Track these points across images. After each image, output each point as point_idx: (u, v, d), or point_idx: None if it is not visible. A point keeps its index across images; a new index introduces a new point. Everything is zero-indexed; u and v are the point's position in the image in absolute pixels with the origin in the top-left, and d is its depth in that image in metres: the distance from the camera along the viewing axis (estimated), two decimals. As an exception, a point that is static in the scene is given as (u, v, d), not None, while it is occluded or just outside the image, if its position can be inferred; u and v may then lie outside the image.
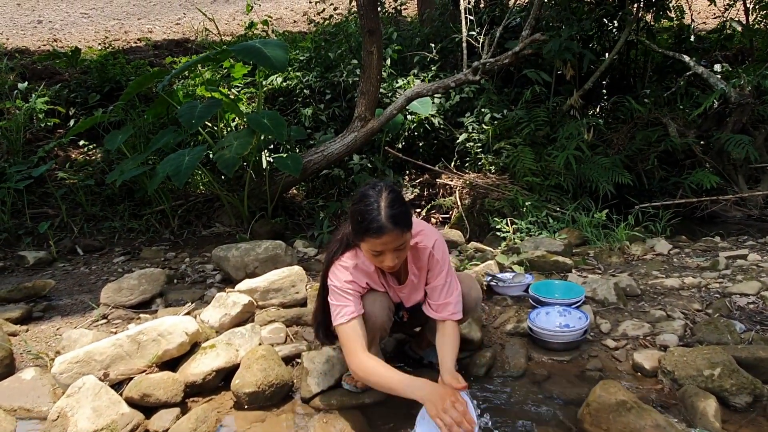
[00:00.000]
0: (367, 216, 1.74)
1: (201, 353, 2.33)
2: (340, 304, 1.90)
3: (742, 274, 3.01)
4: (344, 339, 1.90)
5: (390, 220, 1.73)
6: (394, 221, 1.74)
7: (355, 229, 1.81)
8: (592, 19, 5.24)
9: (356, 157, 5.02)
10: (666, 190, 4.83)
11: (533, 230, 4.06)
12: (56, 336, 2.73)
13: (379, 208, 1.74)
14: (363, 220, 1.75)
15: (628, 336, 2.48)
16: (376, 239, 1.74)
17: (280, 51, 3.97)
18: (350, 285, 1.92)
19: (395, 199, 1.77)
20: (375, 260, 1.85)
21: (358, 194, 1.83)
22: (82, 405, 2.00)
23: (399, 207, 1.77)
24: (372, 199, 1.76)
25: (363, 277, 1.96)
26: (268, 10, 10.20)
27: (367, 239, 1.76)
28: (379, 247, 1.77)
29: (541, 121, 4.96)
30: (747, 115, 4.69)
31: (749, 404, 1.97)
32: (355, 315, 1.89)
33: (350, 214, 1.84)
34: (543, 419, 2.04)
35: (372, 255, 1.82)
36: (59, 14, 11.12)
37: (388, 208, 1.74)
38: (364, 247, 1.82)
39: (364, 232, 1.75)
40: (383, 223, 1.73)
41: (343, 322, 1.89)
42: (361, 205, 1.77)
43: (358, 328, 1.89)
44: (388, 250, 1.78)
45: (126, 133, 4.44)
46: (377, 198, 1.76)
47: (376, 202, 1.75)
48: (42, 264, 3.89)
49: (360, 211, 1.76)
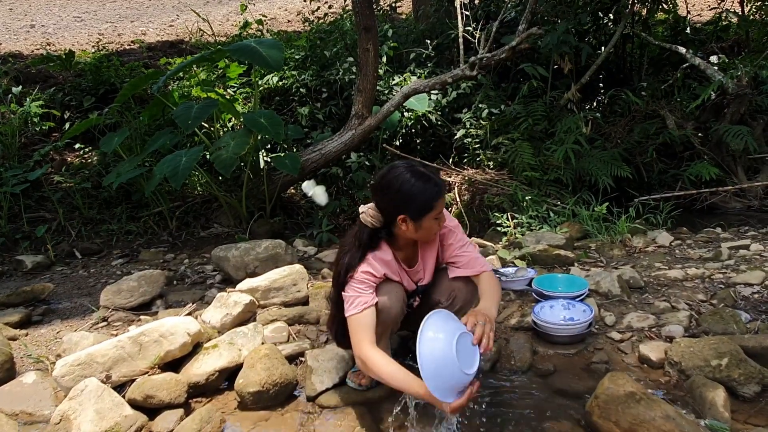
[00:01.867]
0: (421, 186, 1.85)
1: (203, 353, 2.31)
2: (354, 295, 1.89)
3: (745, 264, 3.00)
4: (354, 329, 1.88)
5: (436, 175, 1.93)
6: (438, 175, 1.94)
7: (421, 204, 1.87)
8: (588, 13, 5.23)
9: (354, 155, 5.00)
10: (665, 183, 4.83)
11: (534, 225, 4.05)
12: (56, 339, 2.70)
13: (422, 175, 1.89)
14: (423, 191, 1.86)
15: (634, 328, 2.47)
16: (440, 199, 1.90)
17: (276, 50, 3.95)
18: (366, 276, 1.92)
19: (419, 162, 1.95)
20: (434, 227, 1.94)
21: (389, 181, 1.88)
22: (85, 408, 1.98)
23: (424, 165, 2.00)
24: (410, 173, 1.88)
25: (381, 266, 1.96)
26: (262, 10, 10.17)
27: (436, 204, 1.88)
28: (441, 207, 1.91)
29: (539, 116, 4.95)
30: (745, 105, 4.69)
31: (757, 393, 1.96)
32: (368, 305, 1.89)
33: (401, 199, 1.87)
34: (550, 413, 2.02)
35: (434, 222, 1.92)
36: (52, 18, 11.06)
37: (427, 171, 1.91)
38: (431, 217, 1.89)
39: (431, 199, 1.86)
40: (438, 182, 1.90)
41: (356, 312, 1.87)
42: (408, 184, 1.85)
43: (370, 320, 1.88)
44: (442, 208, 1.94)
45: (122, 135, 4.41)
46: (413, 170, 1.89)
47: (416, 172, 1.88)
48: (40, 268, 3.86)
49: (413, 187, 1.85)
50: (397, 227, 1.92)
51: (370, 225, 1.93)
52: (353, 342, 1.89)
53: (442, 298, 2.18)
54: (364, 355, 1.83)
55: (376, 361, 1.81)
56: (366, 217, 1.94)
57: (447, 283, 2.17)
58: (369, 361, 1.81)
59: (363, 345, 1.84)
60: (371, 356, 1.82)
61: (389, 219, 1.92)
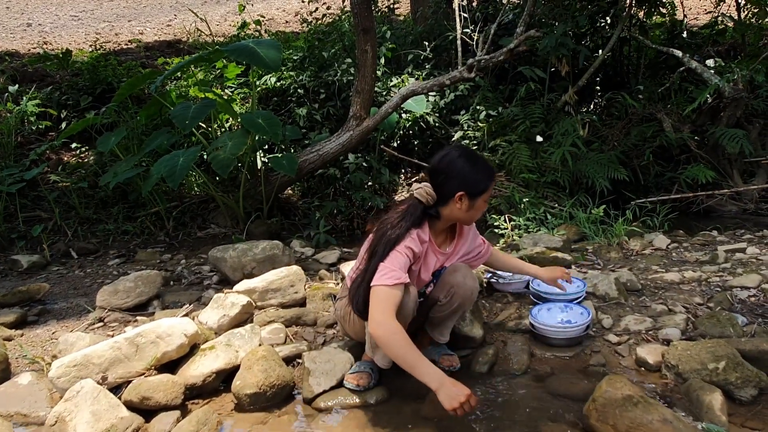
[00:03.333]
0: (479, 167, 2.03)
1: (200, 355, 2.30)
2: (390, 267, 1.90)
3: (741, 267, 3.02)
4: (382, 297, 1.86)
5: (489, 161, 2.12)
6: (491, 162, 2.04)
7: (478, 183, 2.02)
8: (585, 16, 5.25)
9: (351, 156, 4.99)
10: (662, 185, 4.84)
11: (531, 227, 4.05)
12: (52, 340, 2.69)
13: (479, 158, 2.08)
14: (481, 171, 2.03)
15: (631, 331, 2.47)
16: (493, 181, 2.07)
17: (274, 51, 3.94)
18: (409, 251, 1.96)
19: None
20: (482, 208, 2.09)
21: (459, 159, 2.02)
22: (81, 409, 1.96)
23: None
24: (468, 156, 2.04)
25: (420, 244, 2.02)
26: (260, 10, 10.14)
27: (490, 184, 2.05)
28: (491, 189, 2.06)
29: (537, 118, 4.95)
30: (741, 109, 4.71)
31: (755, 397, 1.97)
32: (400, 281, 1.89)
33: (460, 177, 2.00)
34: (548, 416, 2.02)
35: (484, 202, 2.07)
36: (49, 17, 11.02)
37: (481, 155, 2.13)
38: (485, 197, 2.05)
39: (488, 179, 2.04)
40: (491, 165, 2.09)
41: (389, 284, 1.87)
42: (466, 164, 2.01)
43: (398, 295, 1.89)
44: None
45: (119, 134, 4.40)
46: (469, 152, 2.08)
47: (473, 155, 2.07)
48: (36, 268, 3.84)
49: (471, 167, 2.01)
50: (448, 207, 2.04)
51: (425, 201, 2.02)
52: (375, 310, 1.84)
53: (441, 295, 2.20)
54: (383, 324, 1.80)
55: (395, 331, 1.79)
56: (422, 193, 2.03)
57: (446, 280, 2.19)
58: (387, 329, 1.79)
59: (384, 314, 1.82)
60: (391, 325, 1.80)
61: (447, 196, 2.02)
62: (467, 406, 1.70)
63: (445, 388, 1.71)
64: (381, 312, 1.83)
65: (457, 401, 1.68)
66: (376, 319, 1.83)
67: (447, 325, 2.33)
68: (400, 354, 1.78)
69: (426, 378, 1.74)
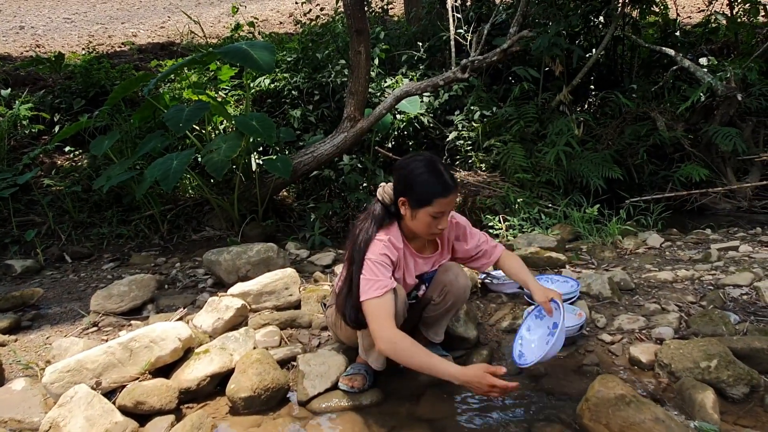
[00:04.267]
0: (432, 179, 1.91)
1: (195, 359, 2.30)
2: (373, 278, 1.89)
3: (734, 266, 3.03)
4: (376, 312, 1.86)
5: (452, 179, 1.94)
6: (454, 181, 1.95)
7: (422, 196, 1.92)
8: (579, 15, 5.26)
9: (346, 158, 5.00)
10: (656, 184, 4.86)
11: (526, 227, 4.06)
12: (46, 345, 2.68)
13: (439, 171, 1.93)
14: (431, 184, 1.91)
15: (624, 330, 2.48)
16: (444, 199, 1.92)
17: (267, 52, 3.94)
18: (385, 258, 1.94)
19: (444, 163, 1.96)
20: (432, 225, 1.97)
21: (407, 166, 1.96)
22: (75, 414, 1.96)
23: (450, 170, 1.99)
24: (428, 165, 1.94)
25: (395, 251, 2.00)
26: (254, 11, 10.15)
27: (437, 201, 1.91)
28: (443, 208, 1.93)
29: (531, 118, 4.97)
30: (734, 107, 4.73)
31: (746, 395, 1.98)
32: (388, 289, 1.89)
33: (408, 185, 1.95)
34: (542, 416, 2.03)
35: (432, 219, 1.95)
36: (42, 20, 10.98)
37: (446, 170, 1.95)
38: (429, 212, 1.93)
39: (434, 194, 1.91)
40: (449, 183, 1.92)
41: (377, 295, 1.87)
42: (421, 173, 1.92)
43: (391, 303, 1.88)
44: (447, 211, 1.96)
45: (112, 138, 4.38)
46: (433, 163, 1.95)
47: (434, 166, 1.94)
48: (29, 272, 3.82)
49: (423, 178, 1.92)
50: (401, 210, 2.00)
51: (381, 199, 2.01)
52: (375, 326, 1.85)
53: (434, 294, 2.20)
54: (388, 338, 1.81)
55: (403, 342, 1.80)
56: (380, 191, 2.03)
57: (438, 279, 2.19)
58: (395, 343, 1.80)
59: (388, 328, 1.83)
60: (397, 338, 1.81)
61: (396, 199, 2.00)
62: (497, 391, 1.71)
63: (470, 384, 1.73)
64: (380, 327, 1.84)
65: (481, 392, 1.72)
66: (379, 336, 1.84)
67: (441, 324, 2.33)
68: (415, 363, 1.79)
69: (448, 377, 1.75)
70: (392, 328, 1.84)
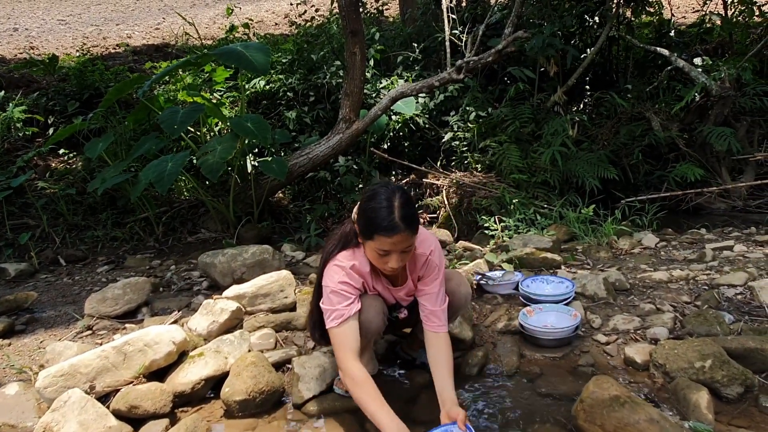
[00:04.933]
0: (380, 213, 1.75)
1: (189, 362, 2.29)
2: (332, 308, 1.86)
3: (729, 266, 3.04)
4: (335, 343, 1.87)
5: (402, 220, 1.74)
6: (406, 222, 1.74)
7: (366, 227, 1.79)
8: (573, 16, 5.27)
9: (342, 159, 4.99)
10: (651, 184, 4.87)
11: (521, 227, 4.06)
12: (40, 349, 2.67)
13: (392, 206, 1.75)
14: (376, 218, 1.75)
15: (619, 330, 2.48)
16: (387, 238, 1.74)
17: (262, 54, 3.93)
18: (344, 286, 1.87)
19: (407, 201, 1.79)
20: (379, 261, 1.83)
21: (369, 192, 1.83)
22: (68, 419, 1.95)
23: (410, 208, 1.79)
24: (384, 197, 1.77)
25: (358, 278, 1.93)
26: (249, 12, 10.12)
27: (378, 237, 1.76)
28: (387, 247, 1.77)
29: (526, 118, 4.97)
30: (728, 107, 4.74)
31: (740, 395, 1.98)
32: (344, 318, 1.85)
33: (360, 211, 1.83)
34: (537, 417, 2.03)
35: (378, 255, 1.81)
36: (35, 21, 10.94)
37: (401, 209, 1.75)
38: (372, 246, 1.80)
39: (376, 229, 1.75)
40: (396, 222, 1.73)
41: (334, 326, 1.85)
42: (373, 203, 1.77)
43: (350, 333, 1.85)
44: (395, 251, 1.78)
45: (107, 140, 4.37)
46: (390, 197, 1.77)
47: (389, 200, 1.76)
48: (24, 276, 3.81)
49: (372, 208, 1.77)
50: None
51: (353, 218, 1.91)
52: (337, 356, 1.86)
53: None
54: (346, 371, 1.81)
55: (359, 381, 1.78)
56: (356, 208, 1.91)
57: None
58: (352, 378, 1.79)
59: (346, 361, 1.82)
60: (355, 374, 1.79)
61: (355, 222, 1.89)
62: None
63: None
64: (342, 359, 1.83)
65: None
66: (341, 367, 1.85)
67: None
68: (362, 403, 1.77)
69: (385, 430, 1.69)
70: (351, 360, 1.81)
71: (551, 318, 2.54)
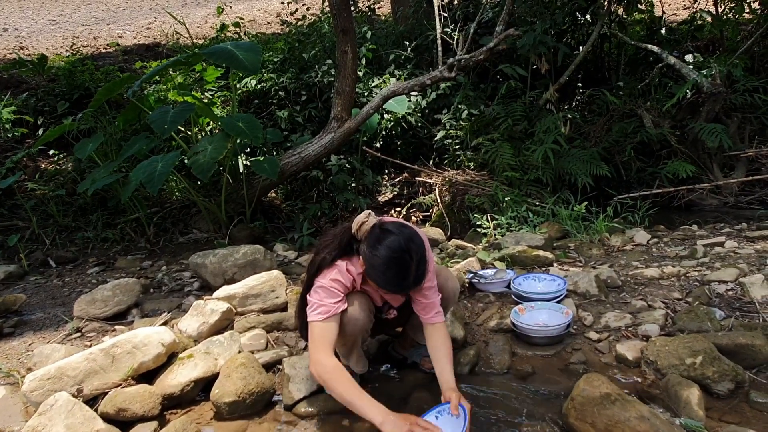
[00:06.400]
0: (394, 278, 1.80)
1: (178, 364, 2.27)
2: (319, 302, 1.87)
3: (720, 262, 3.04)
4: (314, 335, 1.86)
5: (414, 282, 1.83)
6: (416, 282, 1.84)
7: (376, 279, 1.82)
8: (565, 13, 5.27)
9: (334, 158, 4.98)
10: (643, 181, 4.88)
11: (514, 225, 4.06)
12: (28, 352, 2.64)
13: (408, 271, 1.79)
14: (389, 279, 1.80)
15: (611, 328, 2.48)
16: (392, 295, 1.94)
17: (253, 53, 3.91)
18: (335, 283, 1.89)
19: (421, 259, 1.82)
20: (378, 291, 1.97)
21: (386, 250, 1.77)
22: (55, 423, 1.93)
23: (423, 266, 1.84)
24: (400, 259, 1.77)
25: (349, 276, 1.94)
26: (241, 11, 10.07)
27: (386, 290, 1.88)
28: (391, 295, 1.95)
29: (518, 116, 4.97)
30: (720, 104, 4.76)
31: (731, 391, 1.98)
32: (329, 314, 1.86)
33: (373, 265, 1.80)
34: (529, 415, 2.02)
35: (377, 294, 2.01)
36: (26, 21, 10.84)
37: (416, 271, 1.80)
38: (375, 288, 1.89)
39: (386, 286, 1.83)
40: (409, 285, 1.82)
41: (318, 320, 1.86)
42: (388, 267, 1.78)
43: (330, 329, 1.86)
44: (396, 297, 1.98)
45: (96, 140, 4.33)
46: (407, 260, 1.78)
47: (406, 264, 1.78)
48: (13, 278, 3.77)
49: (384, 270, 1.79)
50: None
51: (353, 231, 1.88)
52: (311, 348, 1.86)
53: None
54: (317, 362, 1.80)
55: (330, 370, 1.77)
56: (357, 224, 1.86)
57: None
58: (322, 368, 1.78)
59: (319, 352, 1.81)
60: (326, 364, 1.78)
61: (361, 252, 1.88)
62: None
63: (389, 423, 1.67)
64: (316, 351, 1.83)
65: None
66: (313, 359, 1.83)
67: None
68: (338, 392, 1.75)
69: (368, 414, 1.69)
70: (326, 353, 1.80)
71: (543, 316, 2.54)
